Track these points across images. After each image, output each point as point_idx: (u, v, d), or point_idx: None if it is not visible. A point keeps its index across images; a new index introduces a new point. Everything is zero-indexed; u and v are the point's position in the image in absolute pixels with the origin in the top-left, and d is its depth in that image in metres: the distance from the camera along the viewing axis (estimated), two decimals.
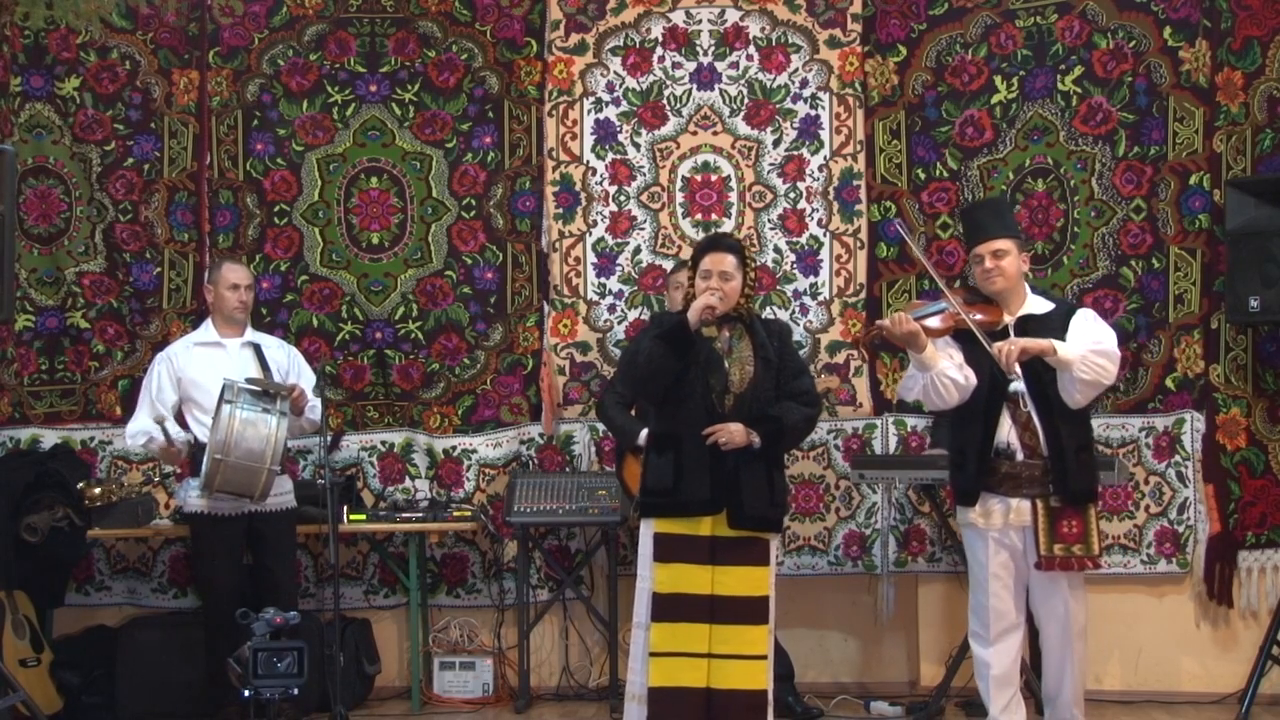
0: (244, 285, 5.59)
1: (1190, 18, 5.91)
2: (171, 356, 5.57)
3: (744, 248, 4.75)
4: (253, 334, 5.69)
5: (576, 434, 6.28)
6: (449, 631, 6.30)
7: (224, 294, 5.55)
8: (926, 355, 4.56)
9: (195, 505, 5.41)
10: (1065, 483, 4.53)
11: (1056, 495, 4.53)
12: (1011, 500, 4.60)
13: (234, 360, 5.52)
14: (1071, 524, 4.53)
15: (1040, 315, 4.65)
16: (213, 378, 5.37)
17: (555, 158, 6.36)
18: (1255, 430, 5.84)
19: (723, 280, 4.61)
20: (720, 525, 4.57)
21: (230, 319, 5.58)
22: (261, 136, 6.36)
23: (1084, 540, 4.53)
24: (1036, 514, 4.55)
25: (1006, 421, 4.62)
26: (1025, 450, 4.58)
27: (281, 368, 5.59)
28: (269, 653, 4.38)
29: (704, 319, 4.58)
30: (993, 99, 6.15)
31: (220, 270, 5.63)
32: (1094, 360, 4.47)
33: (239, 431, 5.16)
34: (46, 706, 5.54)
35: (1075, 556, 4.53)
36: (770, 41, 6.31)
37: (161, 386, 5.51)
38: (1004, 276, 4.65)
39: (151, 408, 5.48)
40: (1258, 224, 5.64)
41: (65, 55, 6.32)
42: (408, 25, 6.39)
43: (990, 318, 4.66)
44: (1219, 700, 5.80)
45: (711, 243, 4.77)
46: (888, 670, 6.21)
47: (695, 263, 4.71)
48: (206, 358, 5.53)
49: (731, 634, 4.52)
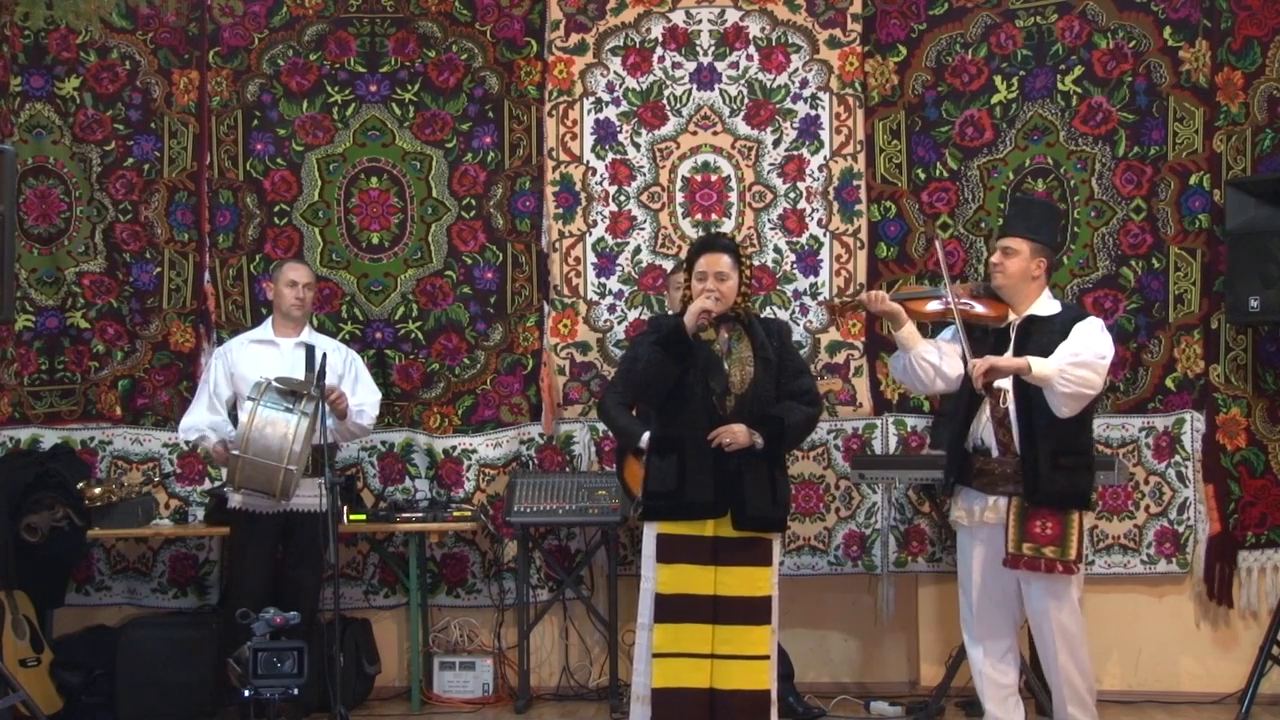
0: (302, 283, 5.65)
1: (1190, 18, 5.91)
2: (227, 352, 5.67)
3: (739, 247, 4.75)
4: (310, 334, 5.74)
5: (576, 434, 6.28)
6: (449, 631, 6.30)
7: (282, 290, 5.63)
8: (904, 334, 4.64)
9: (233, 501, 5.50)
10: (1036, 484, 4.50)
11: (1026, 496, 4.51)
12: (989, 497, 4.61)
13: (285, 359, 5.57)
14: (1046, 525, 4.48)
15: (1044, 317, 4.64)
16: (260, 374, 5.41)
17: (555, 158, 6.36)
18: (1255, 430, 5.84)
19: (718, 281, 4.61)
20: (723, 526, 4.57)
21: (288, 316, 5.64)
22: (261, 136, 6.36)
23: (1059, 544, 4.47)
24: (1010, 511, 4.54)
25: (984, 417, 4.63)
26: (1000, 447, 4.58)
27: (335, 370, 5.60)
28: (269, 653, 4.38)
29: (700, 323, 4.57)
30: (993, 99, 6.15)
31: (281, 268, 5.73)
32: (1072, 373, 4.43)
33: (258, 429, 5.20)
34: (46, 706, 5.54)
35: (1045, 558, 4.47)
36: (770, 41, 6.31)
37: (218, 381, 5.59)
38: (1004, 274, 4.66)
39: (209, 403, 5.57)
40: (1258, 224, 5.64)
41: (65, 55, 6.32)
42: (408, 25, 6.38)
43: (992, 312, 4.67)
44: (1219, 700, 5.80)
45: (706, 244, 4.76)
46: (888, 670, 6.21)
47: (690, 265, 4.71)
48: (259, 355, 5.60)
49: (734, 634, 4.52)
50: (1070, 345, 4.51)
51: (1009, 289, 4.67)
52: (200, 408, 5.61)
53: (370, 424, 5.73)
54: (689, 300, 4.67)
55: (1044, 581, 4.53)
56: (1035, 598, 4.58)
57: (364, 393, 5.71)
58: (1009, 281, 4.66)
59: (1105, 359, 4.50)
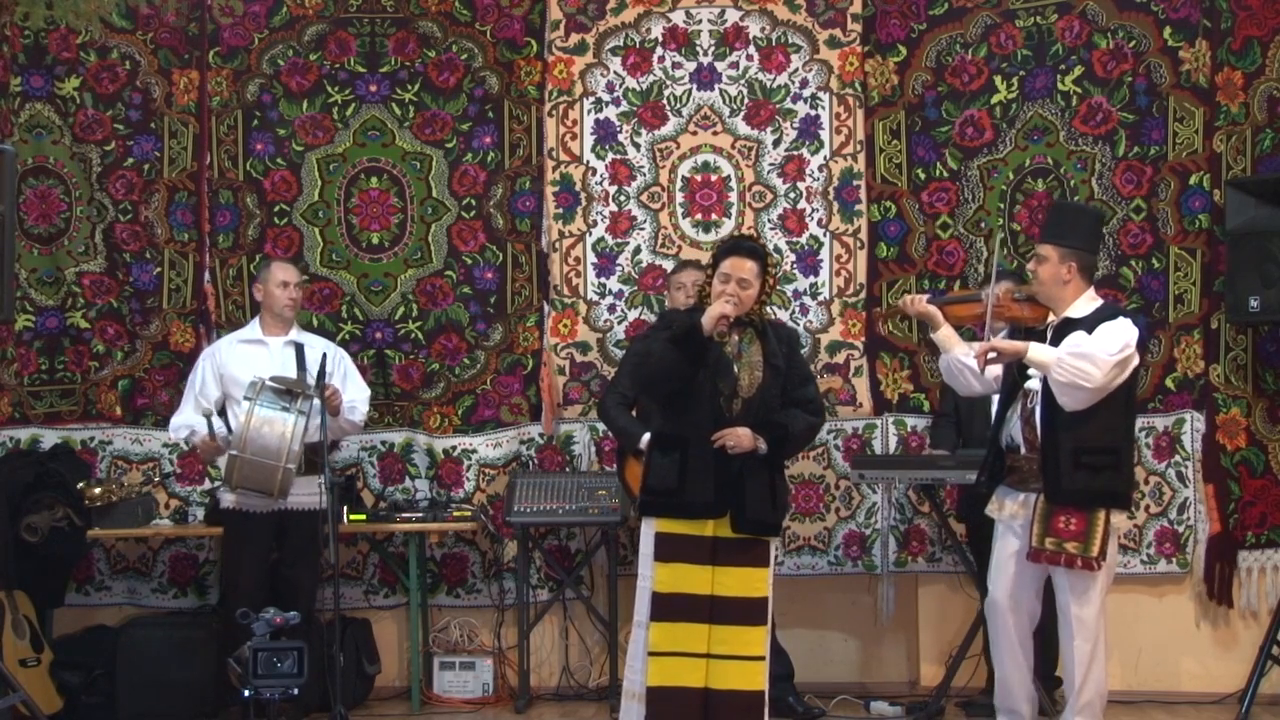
0: (293, 283, 5.67)
1: (1190, 18, 5.91)
2: (215, 352, 5.67)
3: (767, 254, 4.70)
4: (298, 334, 5.74)
5: (576, 434, 6.28)
6: (449, 631, 6.30)
7: (274, 291, 5.62)
8: (941, 336, 4.79)
9: (227, 501, 5.49)
10: (1057, 482, 4.55)
11: (1047, 494, 4.56)
12: (1019, 493, 4.68)
13: (275, 358, 5.57)
14: (1070, 520, 4.52)
15: (1078, 318, 4.67)
16: (251, 374, 5.42)
17: (555, 158, 6.36)
18: (1255, 430, 5.84)
19: (740, 287, 4.56)
20: (723, 527, 4.57)
21: (280, 316, 5.65)
22: (261, 136, 6.36)
23: (1083, 540, 4.50)
24: (1036, 507, 4.59)
25: (1016, 416, 4.71)
26: (1027, 445, 4.66)
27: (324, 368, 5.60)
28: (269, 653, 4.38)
29: (718, 329, 4.55)
30: (993, 99, 6.15)
31: (269, 268, 5.72)
32: (1070, 363, 4.47)
33: (255, 428, 5.21)
34: (46, 706, 5.54)
35: (1066, 553, 4.51)
36: (770, 41, 6.31)
37: (205, 381, 5.58)
38: (1038, 280, 4.75)
39: (196, 403, 5.57)
40: (1258, 224, 5.65)
41: (65, 55, 6.32)
42: (408, 25, 6.38)
43: (1031, 314, 4.76)
44: (1219, 700, 5.80)
45: (734, 246, 4.68)
46: (888, 670, 6.21)
47: (716, 263, 4.66)
48: (248, 354, 5.59)
49: (730, 635, 4.52)
50: (1075, 338, 4.55)
51: (1044, 294, 4.73)
52: (188, 408, 5.60)
53: (361, 420, 5.74)
54: (706, 297, 4.64)
55: (1067, 577, 4.57)
56: (1060, 591, 4.63)
57: (354, 390, 5.71)
58: (1043, 288, 4.73)
59: (1112, 355, 4.49)
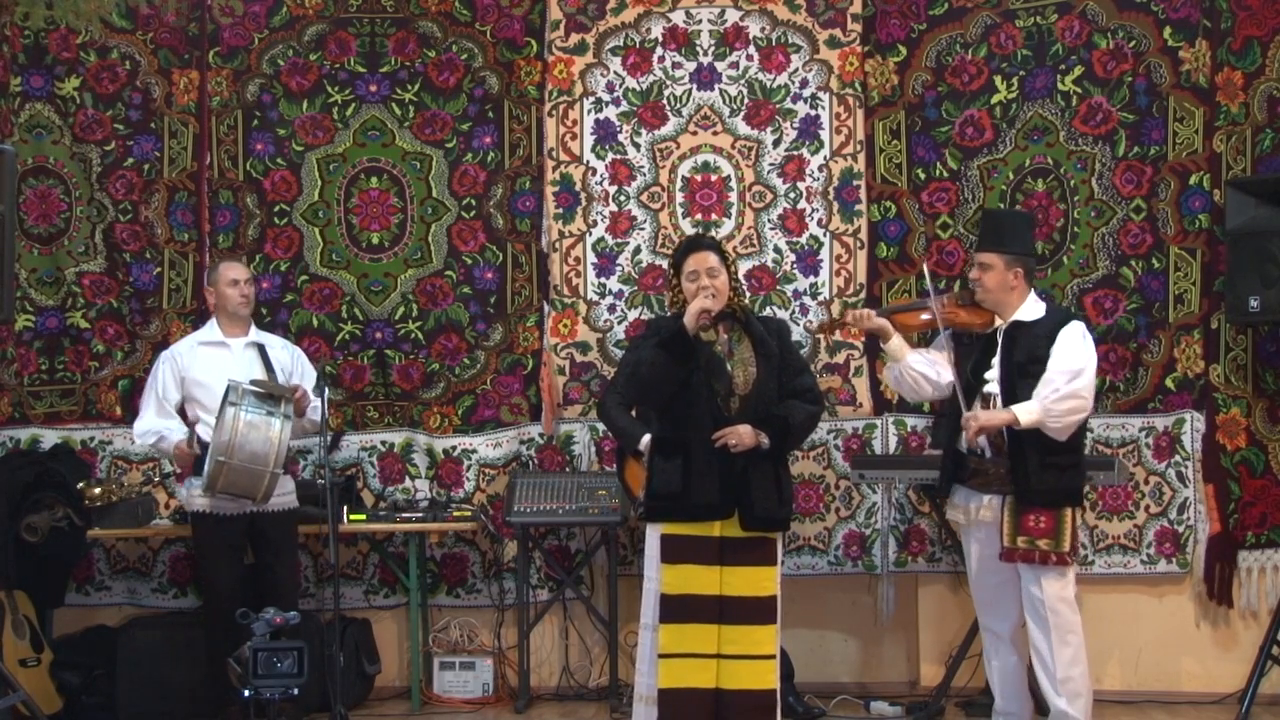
0: (243, 280, 5.61)
1: (1190, 18, 5.91)
2: (175, 356, 5.57)
3: (720, 244, 4.80)
4: (257, 334, 5.69)
5: (576, 434, 6.28)
6: (449, 631, 6.30)
7: (225, 291, 5.56)
8: (891, 347, 4.88)
9: (198, 505, 5.42)
10: (1027, 484, 4.64)
11: (1017, 496, 4.65)
12: (984, 495, 4.75)
13: (238, 360, 5.52)
14: (1040, 519, 4.64)
15: (1029, 322, 4.79)
16: (216, 377, 5.38)
17: (555, 158, 6.35)
18: (1255, 430, 5.84)
19: (711, 278, 4.61)
20: (730, 526, 4.57)
21: (235, 315, 5.58)
22: (261, 136, 6.36)
23: (1053, 536, 4.62)
24: (1004, 508, 4.68)
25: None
26: (993, 449, 4.70)
27: (285, 368, 5.59)
28: (269, 653, 4.38)
29: (702, 323, 4.57)
30: (993, 99, 6.15)
31: (218, 269, 5.66)
32: (1058, 409, 4.60)
33: (243, 434, 5.16)
34: (46, 706, 5.54)
35: (1039, 550, 4.62)
36: (770, 41, 6.31)
37: (166, 385, 5.51)
38: (984, 288, 4.84)
39: (159, 406, 5.50)
40: (1258, 224, 5.64)
41: (65, 55, 6.32)
42: (408, 25, 6.38)
43: (978, 319, 4.86)
44: (1219, 700, 5.80)
45: (690, 245, 4.79)
46: (888, 670, 6.21)
47: (678, 268, 4.71)
48: (211, 357, 5.53)
49: (740, 634, 4.53)
50: (1047, 376, 4.64)
51: (991, 300, 4.85)
52: (150, 412, 5.51)
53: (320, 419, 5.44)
54: (681, 303, 4.66)
55: (1038, 572, 4.65)
56: (1030, 588, 4.68)
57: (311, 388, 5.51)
58: (989, 294, 4.84)
59: (1084, 375, 4.65)
